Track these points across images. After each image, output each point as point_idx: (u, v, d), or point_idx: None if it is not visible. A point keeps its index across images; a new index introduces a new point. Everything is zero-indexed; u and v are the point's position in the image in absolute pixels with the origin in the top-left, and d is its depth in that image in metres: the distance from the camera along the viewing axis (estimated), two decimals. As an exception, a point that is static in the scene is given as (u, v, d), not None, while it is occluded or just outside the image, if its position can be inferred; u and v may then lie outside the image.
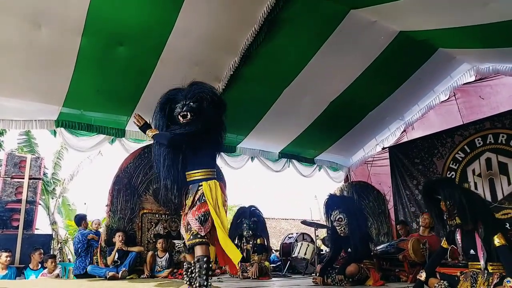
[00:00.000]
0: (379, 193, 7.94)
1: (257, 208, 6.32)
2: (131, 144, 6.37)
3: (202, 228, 2.95)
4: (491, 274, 3.01)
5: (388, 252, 5.32)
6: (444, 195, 3.25)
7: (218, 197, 3.07)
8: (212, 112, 3.17)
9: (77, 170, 13.86)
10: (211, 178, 3.14)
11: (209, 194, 3.03)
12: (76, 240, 6.23)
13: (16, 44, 4.44)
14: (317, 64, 5.49)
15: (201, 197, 3.05)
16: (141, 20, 4.50)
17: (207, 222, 2.97)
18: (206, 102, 3.16)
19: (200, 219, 2.96)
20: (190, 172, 3.19)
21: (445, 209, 3.27)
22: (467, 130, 6.57)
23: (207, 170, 3.17)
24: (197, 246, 2.96)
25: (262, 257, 5.92)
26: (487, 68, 6.19)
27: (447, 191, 3.27)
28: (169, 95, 3.31)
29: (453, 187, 3.41)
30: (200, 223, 2.95)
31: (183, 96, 3.20)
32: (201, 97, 3.18)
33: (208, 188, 3.05)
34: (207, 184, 3.07)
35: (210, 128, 3.17)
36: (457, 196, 3.18)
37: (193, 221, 2.99)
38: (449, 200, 3.21)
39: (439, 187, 3.37)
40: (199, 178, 3.13)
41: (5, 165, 6.48)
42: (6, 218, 6.15)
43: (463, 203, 3.12)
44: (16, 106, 5.25)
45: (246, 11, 4.64)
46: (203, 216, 2.96)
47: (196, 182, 3.14)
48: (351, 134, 7.49)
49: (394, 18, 4.97)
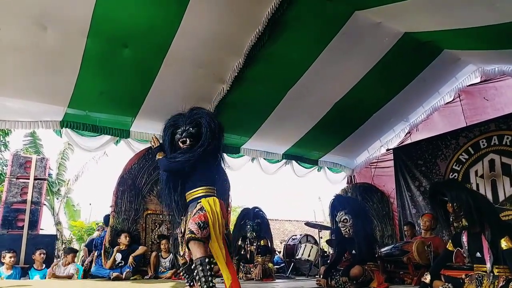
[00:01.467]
0: (383, 194, 7.91)
1: (260, 209, 6.32)
2: (136, 145, 6.39)
3: (199, 231, 2.94)
4: (496, 277, 2.98)
5: (392, 254, 5.30)
6: (451, 197, 3.22)
7: (218, 213, 3.06)
8: (211, 137, 3.21)
9: (82, 171, 13.95)
10: (210, 195, 3.15)
11: (209, 208, 3.03)
12: (99, 241, 6.25)
13: (22, 45, 4.47)
14: (321, 66, 5.48)
15: (201, 209, 3.04)
16: (146, 22, 4.51)
17: (205, 230, 2.96)
18: (205, 127, 3.22)
19: (199, 224, 2.95)
20: (189, 191, 3.22)
21: (452, 210, 3.24)
22: (472, 132, 6.54)
23: (206, 188, 3.18)
24: (191, 242, 2.94)
25: (266, 258, 5.91)
26: (492, 69, 6.16)
27: (454, 192, 3.23)
28: (170, 121, 3.43)
29: (460, 188, 3.37)
30: (199, 227, 2.94)
31: (183, 122, 3.32)
32: (199, 122, 3.27)
33: (207, 204, 3.05)
34: (206, 200, 3.08)
35: (208, 151, 3.21)
36: (464, 198, 3.15)
37: (192, 224, 2.97)
38: (456, 201, 3.18)
39: (446, 189, 3.34)
40: (198, 196, 3.15)
41: (10, 166, 6.52)
42: (11, 219, 6.18)
43: (470, 204, 3.09)
44: (21, 107, 5.29)
45: (250, 12, 4.64)
46: (203, 223, 2.95)
47: (195, 200, 3.15)
48: (355, 135, 7.46)
49: (399, 19, 4.95)
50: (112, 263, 5.58)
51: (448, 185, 3.46)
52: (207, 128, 3.21)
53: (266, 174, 7.88)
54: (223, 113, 5.77)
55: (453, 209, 3.22)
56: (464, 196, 3.16)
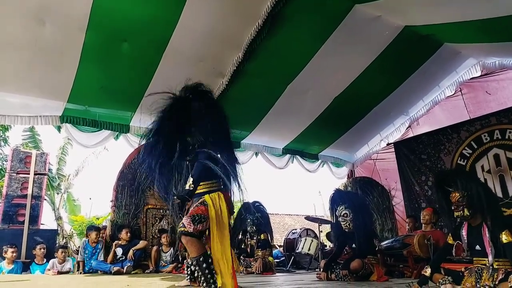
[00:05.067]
0: (383, 189, 7.92)
1: (261, 203, 6.33)
2: (136, 140, 6.37)
3: (191, 226, 2.73)
4: (496, 270, 2.99)
5: (393, 247, 5.32)
6: (462, 184, 3.19)
7: (223, 209, 2.90)
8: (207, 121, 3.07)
9: (82, 166, 13.95)
10: (214, 190, 2.98)
11: (211, 204, 2.86)
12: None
13: (21, 40, 4.46)
14: (321, 60, 5.46)
15: (202, 202, 2.88)
16: (145, 16, 4.49)
17: (199, 224, 2.76)
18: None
19: (193, 218, 2.76)
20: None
21: (455, 200, 3.23)
22: (473, 126, 6.54)
23: (208, 182, 2.99)
24: (183, 237, 2.74)
25: (266, 252, 5.94)
26: (493, 62, 6.14)
27: (465, 181, 3.22)
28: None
29: (472, 177, 3.36)
30: (192, 221, 2.74)
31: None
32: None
33: (211, 201, 2.88)
34: (209, 197, 2.90)
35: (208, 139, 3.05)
36: (474, 187, 3.14)
37: (186, 217, 2.81)
38: (466, 190, 3.16)
39: (457, 177, 3.31)
40: (202, 192, 2.96)
41: (11, 161, 6.52)
42: (12, 213, 6.19)
43: (480, 195, 3.09)
44: (21, 102, 5.28)
45: (250, 6, 4.62)
46: (198, 217, 2.77)
47: (198, 196, 2.97)
48: (355, 129, 7.46)
49: (399, 12, 4.93)
50: (112, 257, 5.61)
51: (459, 173, 3.44)
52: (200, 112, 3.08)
53: (275, 169, 7.89)
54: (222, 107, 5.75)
55: (457, 199, 3.21)
56: (475, 186, 3.15)
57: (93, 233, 5.87)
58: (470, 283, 3.06)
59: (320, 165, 8.44)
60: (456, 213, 3.22)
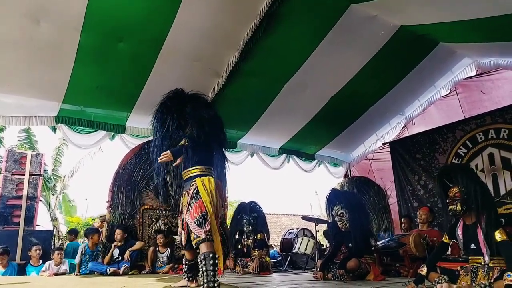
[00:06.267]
0: (379, 188, 7.94)
1: (257, 203, 6.33)
2: (132, 140, 6.37)
3: (201, 231, 2.99)
4: (491, 268, 3.00)
5: (389, 246, 5.33)
6: (461, 180, 3.22)
7: (213, 191, 3.11)
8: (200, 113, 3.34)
9: (77, 167, 13.91)
10: (205, 174, 3.19)
11: (202, 188, 3.07)
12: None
13: (16, 40, 4.42)
14: (317, 59, 5.46)
15: (194, 195, 3.08)
16: (140, 16, 4.47)
17: (206, 223, 3.01)
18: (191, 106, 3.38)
19: (198, 222, 3.00)
20: (185, 170, 3.28)
21: (452, 195, 3.25)
22: (468, 125, 6.56)
23: (201, 167, 3.23)
24: (202, 244, 2.99)
25: (263, 252, 5.93)
26: (488, 62, 6.17)
27: (465, 177, 3.24)
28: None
29: (473, 175, 3.37)
30: (199, 226, 2.99)
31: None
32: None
33: (201, 183, 3.10)
34: (200, 180, 3.12)
35: (204, 127, 3.29)
36: (472, 184, 3.16)
37: (192, 224, 3.03)
38: (463, 185, 3.18)
39: (458, 172, 3.33)
40: (193, 175, 3.20)
41: (5, 162, 6.47)
42: (7, 215, 6.14)
43: (477, 192, 3.11)
44: (16, 102, 5.25)
45: (246, 5, 4.61)
46: (201, 217, 3.00)
47: (189, 179, 3.21)
48: (351, 129, 7.48)
49: (395, 12, 4.94)
50: (109, 258, 5.59)
51: (459, 169, 3.45)
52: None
53: (270, 169, 7.91)
54: (219, 107, 5.71)
55: (453, 193, 3.23)
56: (473, 183, 3.17)
57: (95, 235, 5.91)
58: (466, 282, 3.08)
59: (316, 165, 8.45)
60: (450, 206, 3.24)
